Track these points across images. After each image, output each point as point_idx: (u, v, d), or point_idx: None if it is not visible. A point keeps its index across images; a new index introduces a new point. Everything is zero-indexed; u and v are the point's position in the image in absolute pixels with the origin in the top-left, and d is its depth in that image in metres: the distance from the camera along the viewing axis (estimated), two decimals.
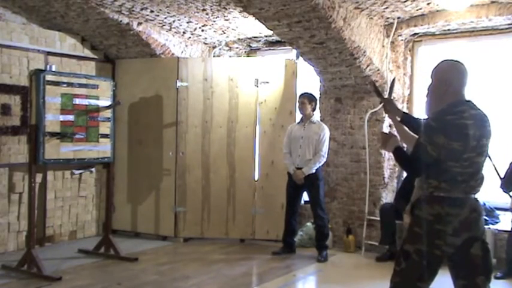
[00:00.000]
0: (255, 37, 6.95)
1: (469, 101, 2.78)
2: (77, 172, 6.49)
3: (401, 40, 6.15)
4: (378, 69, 5.91)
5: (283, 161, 6.04)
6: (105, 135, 5.56)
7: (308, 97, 5.92)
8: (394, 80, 3.95)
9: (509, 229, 5.12)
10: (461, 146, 2.63)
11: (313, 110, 5.95)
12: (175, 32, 6.71)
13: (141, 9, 5.78)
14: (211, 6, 5.57)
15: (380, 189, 6.13)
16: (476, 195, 2.76)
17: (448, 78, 2.78)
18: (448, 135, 2.62)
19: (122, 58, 6.90)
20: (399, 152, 2.93)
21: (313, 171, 5.77)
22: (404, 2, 5.23)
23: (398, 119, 3.32)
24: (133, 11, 5.85)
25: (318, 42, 5.37)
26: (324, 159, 5.84)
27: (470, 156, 2.66)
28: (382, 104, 3.63)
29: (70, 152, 5.26)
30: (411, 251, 2.69)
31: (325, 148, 5.81)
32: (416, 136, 2.97)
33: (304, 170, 5.76)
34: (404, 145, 3.28)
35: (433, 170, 2.69)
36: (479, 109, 2.79)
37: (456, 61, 2.87)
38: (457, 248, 2.68)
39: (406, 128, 3.29)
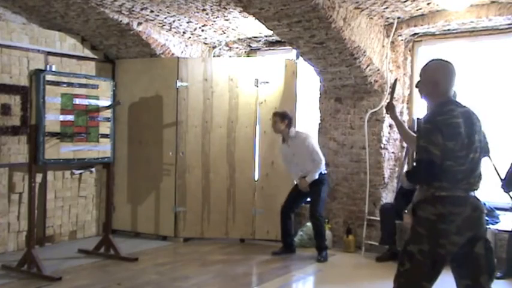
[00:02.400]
0: (255, 37, 6.94)
1: (455, 100, 2.85)
2: (77, 172, 6.49)
3: (401, 40, 6.15)
4: (378, 69, 5.91)
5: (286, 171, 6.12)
6: (105, 135, 5.56)
7: (279, 115, 5.87)
8: (396, 81, 3.96)
9: (509, 229, 5.12)
10: (455, 144, 2.65)
11: (289, 126, 5.87)
12: (175, 32, 6.71)
13: (141, 9, 5.78)
14: (211, 6, 5.57)
15: (380, 189, 6.13)
16: (476, 193, 2.77)
17: (436, 79, 2.83)
18: (443, 135, 2.63)
19: (122, 58, 6.90)
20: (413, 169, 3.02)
21: (316, 177, 5.77)
22: (404, 2, 5.23)
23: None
24: (133, 11, 5.85)
25: (318, 42, 5.37)
26: (322, 164, 5.81)
27: (464, 154, 2.68)
28: (387, 104, 3.62)
29: (70, 152, 5.26)
30: (415, 251, 2.68)
31: (317, 155, 5.77)
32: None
33: (307, 179, 5.77)
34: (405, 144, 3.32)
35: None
36: (465, 107, 2.83)
37: (445, 61, 2.89)
38: (461, 246, 2.68)
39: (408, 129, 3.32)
